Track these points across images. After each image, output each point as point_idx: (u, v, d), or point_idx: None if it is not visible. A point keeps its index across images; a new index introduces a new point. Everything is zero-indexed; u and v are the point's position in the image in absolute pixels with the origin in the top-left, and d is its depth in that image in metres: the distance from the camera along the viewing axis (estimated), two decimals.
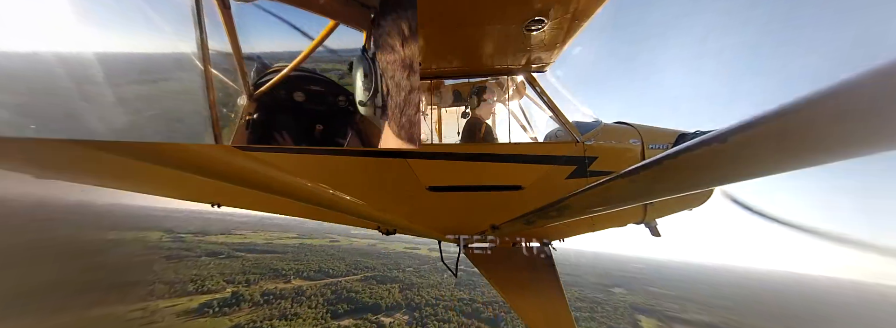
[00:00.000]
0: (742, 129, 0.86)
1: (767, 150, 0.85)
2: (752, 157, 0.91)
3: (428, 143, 4.78)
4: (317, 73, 3.61)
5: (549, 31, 2.91)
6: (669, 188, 1.20)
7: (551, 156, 3.97)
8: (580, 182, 3.92)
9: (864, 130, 0.66)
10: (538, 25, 2.80)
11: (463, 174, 3.97)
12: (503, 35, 3.03)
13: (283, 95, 3.32)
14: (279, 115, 3.31)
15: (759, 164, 0.93)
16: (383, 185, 4.01)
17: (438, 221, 4.05)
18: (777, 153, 0.84)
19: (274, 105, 3.33)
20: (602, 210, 2.40)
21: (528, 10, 2.63)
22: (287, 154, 4.02)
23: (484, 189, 3.96)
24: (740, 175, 1.06)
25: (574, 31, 2.98)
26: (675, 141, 4.14)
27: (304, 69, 3.43)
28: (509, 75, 4.23)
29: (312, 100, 3.46)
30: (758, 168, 0.96)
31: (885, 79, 0.59)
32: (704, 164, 1.03)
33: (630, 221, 4.27)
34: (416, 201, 3.98)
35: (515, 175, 3.94)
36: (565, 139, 4.07)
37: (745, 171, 1.02)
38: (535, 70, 3.96)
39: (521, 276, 4.14)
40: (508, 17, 2.72)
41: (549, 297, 4.02)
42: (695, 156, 1.01)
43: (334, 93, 3.59)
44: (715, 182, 1.12)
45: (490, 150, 3.99)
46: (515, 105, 5.42)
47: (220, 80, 2.69)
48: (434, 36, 2.96)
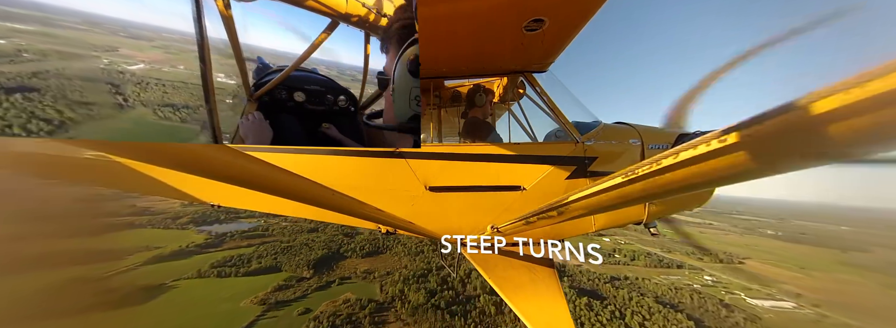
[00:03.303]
0: (742, 128, 0.86)
1: (768, 149, 0.85)
2: (752, 157, 0.91)
3: (428, 143, 4.78)
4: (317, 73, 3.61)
5: (549, 31, 2.91)
6: (669, 188, 1.20)
7: (551, 156, 3.97)
8: (580, 182, 3.92)
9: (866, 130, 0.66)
10: (538, 25, 2.80)
11: (463, 174, 3.97)
12: (503, 35, 3.03)
13: (284, 95, 3.32)
14: (279, 114, 3.31)
15: (760, 163, 0.93)
16: (383, 185, 4.01)
17: (438, 221, 4.05)
18: (778, 153, 0.84)
19: (274, 105, 3.32)
20: (602, 210, 2.40)
21: (527, 10, 2.62)
22: (287, 154, 4.02)
23: (484, 189, 3.96)
24: (740, 175, 1.05)
25: (574, 30, 2.98)
26: (675, 141, 4.14)
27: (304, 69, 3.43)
28: (509, 75, 4.23)
29: (313, 100, 3.46)
30: (758, 168, 0.96)
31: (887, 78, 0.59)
32: (704, 164, 1.02)
33: (630, 221, 4.27)
34: (416, 201, 3.98)
35: (515, 175, 3.94)
36: (565, 139, 4.07)
37: (745, 171, 1.02)
38: (534, 70, 3.96)
39: (520, 276, 4.13)
40: (508, 17, 2.72)
41: (549, 298, 4.02)
42: (695, 156, 1.01)
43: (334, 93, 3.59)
44: (715, 182, 1.12)
45: (490, 151, 3.98)
46: (515, 105, 5.42)
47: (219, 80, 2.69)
48: (433, 36, 2.96)
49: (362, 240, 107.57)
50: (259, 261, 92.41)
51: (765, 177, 1.03)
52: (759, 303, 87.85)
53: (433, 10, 2.52)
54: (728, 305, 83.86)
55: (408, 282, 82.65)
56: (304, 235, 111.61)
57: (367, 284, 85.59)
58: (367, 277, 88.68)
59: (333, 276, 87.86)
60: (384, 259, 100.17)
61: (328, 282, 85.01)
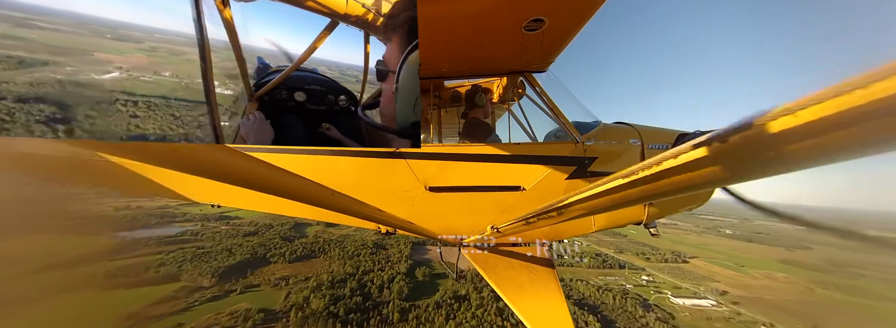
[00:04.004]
0: (743, 128, 0.85)
1: (769, 149, 0.84)
2: (752, 157, 0.90)
3: (428, 143, 4.78)
4: (317, 73, 3.61)
5: (549, 31, 2.90)
6: (669, 188, 1.20)
7: (551, 156, 3.97)
8: (580, 182, 3.92)
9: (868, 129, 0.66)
10: (538, 25, 2.80)
11: (463, 174, 3.97)
12: (502, 35, 3.03)
13: (284, 95, 3.32)
14: (280, 114, 3.31)
15: (761, 164, 0.92)
16: (383, 185, 4.01)
17: (438, 221, 4.05)
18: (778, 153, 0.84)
19: (274, 105, 3.32)
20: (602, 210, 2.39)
21: (527, 10, 2.62)
22: (287, 154, 4.02)
23: (484, 189, 3.96)
24: (741, 175, 1.05)
25: (574, 30, 2.98)
26: (675, 141, 4.14)
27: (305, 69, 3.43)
28: (509, 75, 4.23)
29: (313, 100, 3.46)
30: (759, 168, 0.96)
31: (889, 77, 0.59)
32: (704, 164, 1.02)
33: (630, 221, 4.27)
34: (415, 201, 3.98)
35: (515, 175, 3.94)
36: (565, 139, 4.07)
37: (745, 171, 1.01)
38: (534, 70, 3.96)
39: (520, 277, 4.13)
40: (508, 17, 2.72)
41: (548, 298, 4.02)
42: (695, 156, 1.01)
43: (335, 93, 3.59)
44: (715, 182, 1.12)
45: (490, 151, 3.98)
46: (515, 105, 5.42)
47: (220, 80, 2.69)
48: (433, 36, 2.96)
49: (301, 243, 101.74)
50: (158, 270, 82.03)
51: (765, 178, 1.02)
52: (681, 301, 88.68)
53: (433, 9, 2.51)
54: (648, 305, 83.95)
55: (320, 288, 77.13)
56: (236, 240, 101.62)
57: (274, 292, 78.62)
58: (278, 284, 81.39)
59: (239, 285, 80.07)
60: (313, 264, 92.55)
61: (229, 292, 77.22)
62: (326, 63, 3.50)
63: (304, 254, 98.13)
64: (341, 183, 3.91)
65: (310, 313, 69.21)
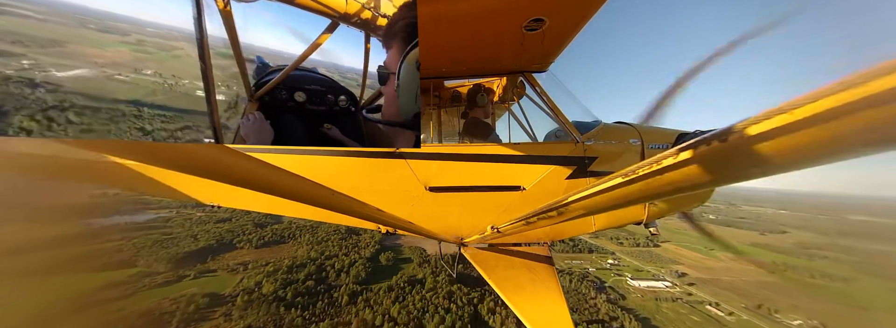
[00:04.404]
0: (743, 128, 0.86)
1: (769, 149, 0.84)
2: (753, 157, 0.90)
3: (428, 143, 4.78)
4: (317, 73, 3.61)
5: (549, 31, 2.90)
6: (669, 188, 1.20)
7: (551, 156, 3.97)
8: (580, 182, 3.92)
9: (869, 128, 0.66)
10: (538, 25, 2.80)
11: (463, 174, 3.97)
12: (503, 35, 3.03)
13: (284, 95, 3.32)
14: (280, 115, 3.31)
15: (761, 163, 0.92)
16: (383, 185, 4.01)
17: (438, 221, 4.05)
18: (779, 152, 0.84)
19: (274, 105, 3.32)
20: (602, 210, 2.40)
21: (527, 10, 2.62)
22: (287, 154, 4.02)
23: (484, 189, 3.96)
24: (741, 175, 1.05)
25: (574, 30, 2.98)
26: (675, 141, 4.14)
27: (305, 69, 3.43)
28: (509, 75, 4.23)
29: (313, 100, 3.46)
30: (759, 168, 0.96)
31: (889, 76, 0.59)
32: (705, 164, 1.02)
33: (631, 221, 4.27)
34: (416, 201, 3.98)
35: (515, 175, 3.94)
36: (565, 139, 4.07)
37: (745, 171, 1.01)
38: (534, 70, 3.96)
39: (520, 277, 4.13)
40: (508, 17, 2.72)
41: (548, 298, 4.02)
42: (695, 155, 1.01)
43: (335, 93, 3.59)
44: (715, 182, 1.12)
45: (490, 151, 3.98)
46: (515, 105, 5.42)
47: (220, 80, 2.69)
48: (433, 36, 2.96)
49: (272, 230, 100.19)
50: (114, 255, 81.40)
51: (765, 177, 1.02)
52: (637, 283, 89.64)
53: (434, 9, 2.52)
54: (602, 287, 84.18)
55: (276, 273, 75.57)
56: (206, 226, 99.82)
57: (230, 277, 76.76)
58: (235, 269, 79.79)
59: (195, 270, 78.67)
60: (279, 249, 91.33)
61: (182, 277, 76.00)
62: (326, 65, 3.49)
63: (272, 239, 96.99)
64: (341, 183, 3.91)
65: (256, 297, 68.07)
